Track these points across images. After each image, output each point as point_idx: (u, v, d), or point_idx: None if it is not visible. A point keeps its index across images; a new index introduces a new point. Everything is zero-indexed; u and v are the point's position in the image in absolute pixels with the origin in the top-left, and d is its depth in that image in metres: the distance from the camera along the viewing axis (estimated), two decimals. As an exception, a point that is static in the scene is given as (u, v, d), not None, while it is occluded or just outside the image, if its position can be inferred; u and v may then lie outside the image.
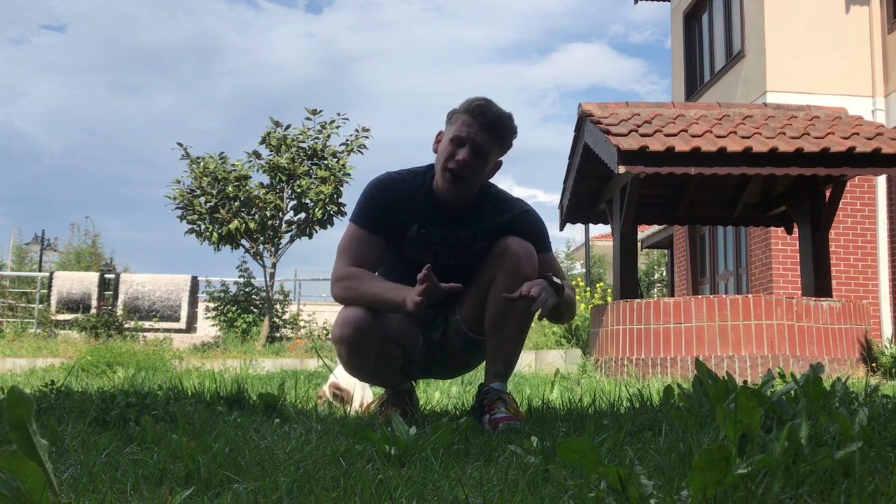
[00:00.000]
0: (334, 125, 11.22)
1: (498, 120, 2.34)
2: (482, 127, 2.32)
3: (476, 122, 2.32)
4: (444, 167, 2.34)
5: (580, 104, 7.32)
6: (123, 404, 2.19)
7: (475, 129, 2.32)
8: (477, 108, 2.33)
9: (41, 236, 22.94)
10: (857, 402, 1.88)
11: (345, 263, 2.35)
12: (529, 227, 2.46)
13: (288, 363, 8.43)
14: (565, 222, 8.53)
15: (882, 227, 10.00)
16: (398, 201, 2.38)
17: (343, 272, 2.34)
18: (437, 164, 2.38)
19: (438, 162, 2.37)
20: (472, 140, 2.31)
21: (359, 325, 2.28)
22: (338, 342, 2.35)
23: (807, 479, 1.14)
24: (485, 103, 2.34)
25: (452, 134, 2.34)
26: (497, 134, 2.35)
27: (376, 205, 2.38)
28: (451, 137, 2.34)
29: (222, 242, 11.06)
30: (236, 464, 1.47)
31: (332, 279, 2.38)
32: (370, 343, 2.31)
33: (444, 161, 2.34)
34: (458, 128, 2.33)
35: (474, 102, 2.34)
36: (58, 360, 8.18)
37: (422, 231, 2.38)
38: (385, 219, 2.37)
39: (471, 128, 2.32)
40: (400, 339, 2.41)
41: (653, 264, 22.34)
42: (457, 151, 2.32)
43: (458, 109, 2.37)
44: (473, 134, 2.32)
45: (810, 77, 10.11)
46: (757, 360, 6.04)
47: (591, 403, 2.61)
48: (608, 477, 1.07)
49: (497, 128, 2.34)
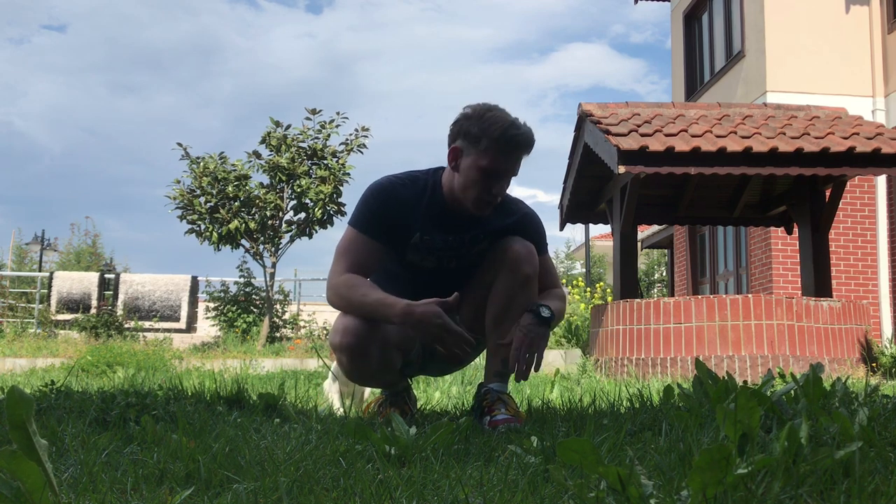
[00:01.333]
0: (334, 125, 11.22)
1: (530, 143, 2.30)
2: (517, 155, 2.29)
3: (512, 154, 2.27)
4: (477, 198, 2.28)
5: (580, 104, 7.32)
6: (123, 404, 2.19)
7: (512, 161, 2.28)
8: (512, 141, 2.25)
9: (41, 236, 22.94)
10: (857, 402, 1.88)
11: (341, 268, 2.32)
12: (530, 229, 2.46)
13: (288, 363, 8.43)
14: (565, 222, 8.53)
15: (882, 227, 10.00)
16: (399, 206, 2.35)
17: (338, 279, 2.31)
18: (461, 187, 2.30)
19: (466, 188, 2.29)
20: (508, 171, 2.29)
21: (359, 334, 2.27)
22: (338, 350, 2.33)
23: (807, 479, 1.14)
24: (517, 131, 2.25)
25: (485, 164, 2.24)
26: (527, 153, 2.32)
27: (377, 209, 2.35)
28: (482, 167, 2.25)
29: (222, 242, 11.06)
30: (236, 464, 1.47)
31: (328, 284, 2.36)
32: (371, 351, 2.30)
33: (478, 192, 2.28)
34: (493, 160, 2.25)
35: (510, 133, 2.24)
36: (58, 360, 8.17)
37: (425, 238, 2.36)
38: (385, 224, 2.34)
39: (509, 161, 2.27)
40: (399, 343, 2.40)
41: (653, 264, 22.34)
42: (493, 184, 2.27)
43: (488, 132, 2.24)
44: (512, 165, 2.28)
45: (810, 77, 10.11)
46: (757, 360, 6.04)
47: (591, 403, 2.61)
48: (608, 477, 1.07)
49: (528, 149, 2.31)
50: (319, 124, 11.21)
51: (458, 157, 2.30)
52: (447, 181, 2.37)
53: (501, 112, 2.29)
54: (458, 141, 2.30)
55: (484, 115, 2.27)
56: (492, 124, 2.25)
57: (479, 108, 2.30)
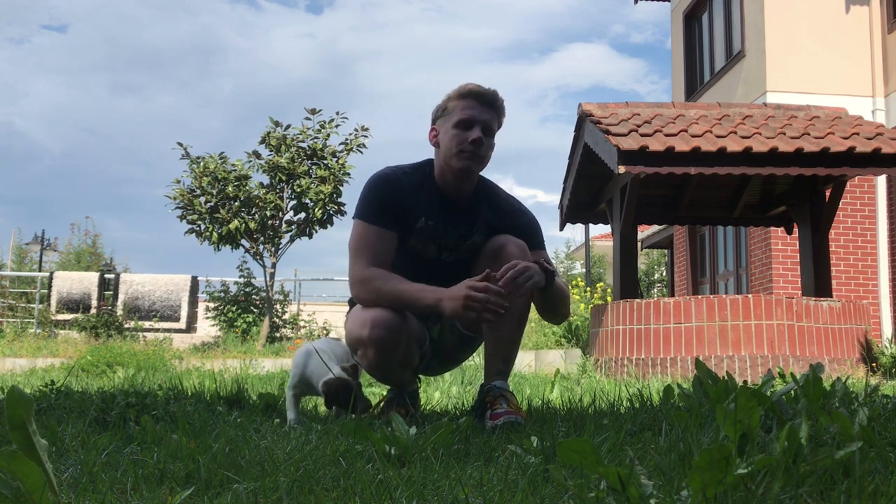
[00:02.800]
0: (333, 124, 11.22)
1: (495, 97, 2.40)
2: (484, 106, 2.37)
3: (477, 103, 2.36)
4: (458, 150, 2.35)
5: (580, 104, 7.32)
6: (123, 404, 2.19)
7: (479, 110, 2.36)
8: (474, 90, 2.38)
9: (41, 236, 22.92)
10: (857, 402, 1.88)
11: (363, 264, 2.32)
12: (524, 225, 2.48)
13: (288, 363, 8.42)
14: (565, 222, 8.53)
15: (882, 227, 10.00)
16: (404, 193, 2.39)
17: (364, 273, 2.31)
18: (445, 153, 2.38)
19: (449, 149, 2.36)
20: (480, 119, 2.36)
21: (390, 327, 2.26)
22: (367, 344, 2.30)
23: (807, 479, 1.14)
24: (476, 85, 2.39)
25: (456, 119, 2.36)
26: (497, 110, 2.41)
27: (383, 197, 2.38)
28: (455, 122, 2.36)
29: (222, 242, 11.05)
30: (236, 464, 1.47)
31: (353, 281, 2.35)
32: (399, 344, 2.31)
33: (456, 145, 2.35)
34: (460, 112, 2.36)
35: (467, 86, 2.39)
36: (58, 360, 8.17)
37: (429, 223, 2.40)
38: (392, 210, 2.37)
39: (474, 109, 2.36)
40: (419, 339, 2.42)
41: (653, 264, 22.34)
42: (468, 133, 2.34)
43: (451, 97, 2.40)
44: (479, 114, 2.36)
45: (810, 77, 10.11)
46: (757, 360, 6.04)
47: (591, 403, 2.61)
48: (608, 477, 1.07)
49: (496, 104, 2.40)
50: (319, 124, 11.21)
51: (437, 134, 2.42)
52: (437, 166, 2.45)
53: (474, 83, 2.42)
54: (435, 123, 2.44)
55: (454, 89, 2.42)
56: (454, 90, 2.41)
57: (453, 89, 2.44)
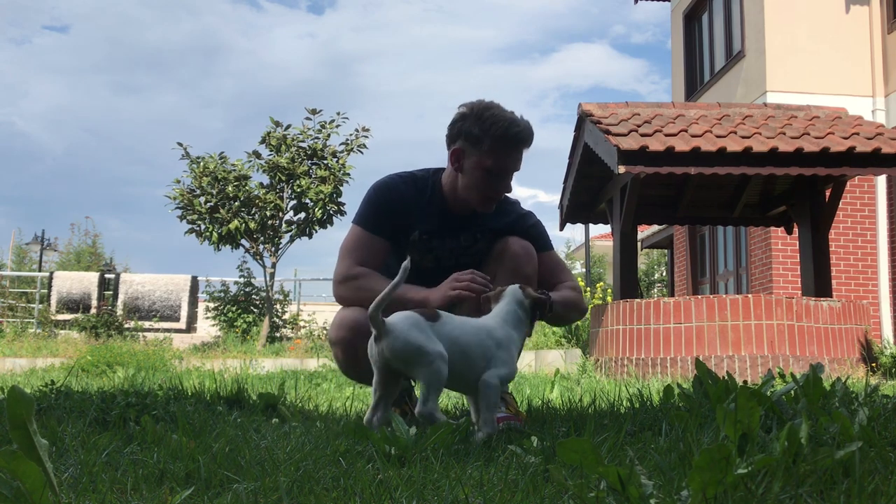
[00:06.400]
0: (334, 125, 11.23)
1: (530, 138, 2.32)
2: (519, 151, 2.31)
3: (515, 151, 2.30)
4: (485, 196, 2.32)
5: (580, 104, 7.32)
6: (123, 404, 2.19)
7: (515, 158, 2.31)
8: (514, 139, 2.27)
9: (41, 236, 22.91)
10: (857, 402, 1.88)
11: (350, 264, 2.32)
12: (529, 228, 2.46)
13: (288, 363, 8.43)
14: (565, 222, 8.53)
15: (882, 227, 10.00)
16: (403, 204, 2.37)
17: (349, 272, 2.31)
18: (466, 185, 2.33)
19: (473, 187, 2.32)
20: (512, 168, 2.32)
21: (354, 327, 2.26)
22: (333, 344, 2.34)
23: (807, 479, 1.14)
24: (518, 129, 2.27)
25: (490, 164, 2.27)
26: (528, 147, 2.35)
27: (382, 206, 2.36)
28: (487, 167, 2.27)
29: (222, 242, 11.06)
30: (236, 464, 1.47)
31: (336, 280, 2.34)
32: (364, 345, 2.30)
33: (484, 189, 2.30)
34: (497, 158, 2.27)
35: (509, 131, 2.26)
36: (58, 360, 8.17)
37: (423, 237, 2.38)
38: (390, 220, 2.36)
39: (511, 158, 2.30)
40: None
41: (653, 264, 22.33)
42: (499, 184, 2.31)
43: (488, 135, 2.26)
44: (514, 162, 2.31)
45: (810, 77, 10.11)
46: (757, 360, 6.04)
47: (591, 403, 2.61)
48: (608, 477, 1.07)
49: (529, 144, 2.34)
50: (319, 124, 11.22)
51: (461, 158, 2.32)
52: (447, 181, 2.38)
53: (499, 110, 2.30)
54: (459, 142, 2.31)
55: (483, 115, 2.27)
56: (493, 124, 2.26)
57: (476, 108, 2.30)
